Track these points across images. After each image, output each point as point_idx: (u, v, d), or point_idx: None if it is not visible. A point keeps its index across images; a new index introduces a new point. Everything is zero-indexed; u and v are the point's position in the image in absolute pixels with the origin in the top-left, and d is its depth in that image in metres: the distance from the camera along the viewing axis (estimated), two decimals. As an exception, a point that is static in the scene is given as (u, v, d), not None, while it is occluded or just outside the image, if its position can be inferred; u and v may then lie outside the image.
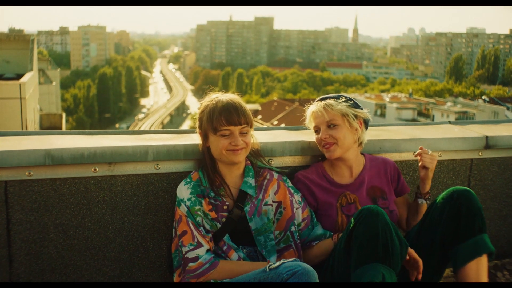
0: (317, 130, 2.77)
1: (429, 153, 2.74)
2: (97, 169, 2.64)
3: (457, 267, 2.46)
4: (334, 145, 2.70)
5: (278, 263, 2.15)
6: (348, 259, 2.32)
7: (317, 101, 2.82)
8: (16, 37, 20.20)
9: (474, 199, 2.50)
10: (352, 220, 2.33)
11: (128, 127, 76.50)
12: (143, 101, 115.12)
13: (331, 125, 2.71)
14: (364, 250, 2.23)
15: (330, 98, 2.78)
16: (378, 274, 2.17)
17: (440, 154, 3.29)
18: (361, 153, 2.88)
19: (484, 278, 2.46)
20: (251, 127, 2.52)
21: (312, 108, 2.80)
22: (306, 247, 2.67)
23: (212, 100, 2.52)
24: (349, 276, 2.29)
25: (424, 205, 2.79)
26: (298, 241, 2.62)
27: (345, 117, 2.71)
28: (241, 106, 2.49)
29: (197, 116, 2.61)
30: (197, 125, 2.60)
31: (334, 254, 2.46)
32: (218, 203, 2.52)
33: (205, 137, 2.54)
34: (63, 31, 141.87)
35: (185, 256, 2.40)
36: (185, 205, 2.45)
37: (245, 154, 2.53)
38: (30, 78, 16.41)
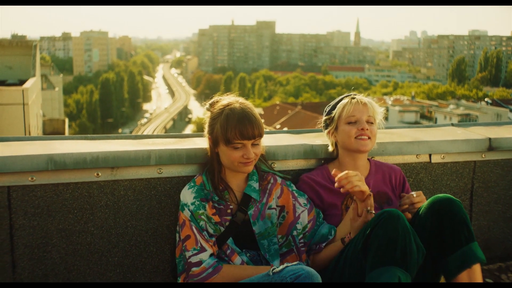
0: (352, 121, 2.71)
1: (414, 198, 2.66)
2: (100, 174, 2.64)
3: (448, 280, 2.43)
4: (369, 140, 2.71)
5: (281, 267, 2.15)
6: (364, 261, 2.30)
7: (352, 95, 2.79)
8: (19, 43, 20.28)
9: (457, 208, 2.43)
10: (371, 222, 2.31)
11: (131, 132, 76.57)
12: (145, 106, 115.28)
13: (369, 121, 2.72)
14: (382, 253, 2.21)
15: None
16: (395, 277, 2.16)
17: (443, 157, 3.29)
18: (367, 159, 2.88)
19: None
20: (262, 137, 2.51)
21: (352, 99, 2.76)
22: (316, 251, 2.65)
23: (225, 108, 2.47)
24: (361, 278, 2.28)
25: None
26: (300, 245, 2.61)
27: (377, 120, 2.78)
28: (255, 117, 2.46)
29: (206, 120, 2.58)
30: (206, 130, 2.56)
31: (347, 255, 2.43)
32: (221, 207, 2.51)
33: (215, 143, 2.52)
34: (66, 37, 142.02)
35: (189, 260, 2.40)
36: (189, 209, 2.45)
37: (254, 163, 2.53)
38: (32, 84, 16.48)
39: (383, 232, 2.24)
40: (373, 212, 2.44)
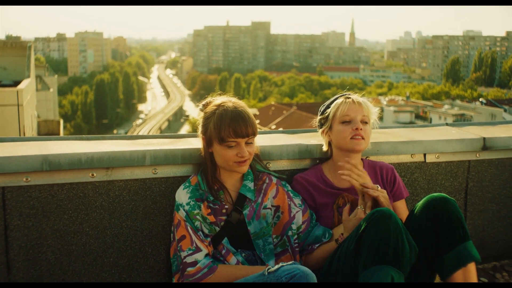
0: (346, 121, 2.71)
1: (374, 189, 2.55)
2: (95, 174, 2.63)
3: (443, 279, 2.44)
4: (363, 139, 2.70)
5: (276, 267, 2.15)
6: (357, 261, 2.30)
7: (347, 95, 2.80)
8: (13, 44, 20.19)
9: (452, 207, 2.43)
10: (363, 222, 2.32)
11: (126, 133, 76.46)
12: (140, 107, 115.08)
13: (364, 121, 2.72)
14: (374, 252, 2.21)
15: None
16: (388, 276, 2.16)
17: (438, 156, 3.30)
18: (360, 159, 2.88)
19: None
20: (255, 136, 2.52)
21: (346, 98, 2.76)
22: (308, 251, 2.66)
23: (218, 107, 2.48)
24: (354, 278, 2.28)
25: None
26: (295, 245, 2.62)
27: (371, 120, 2.78)
28: (248, 116, 2.47)
29: (200, 120, 2.58)
30: (200, 130, 2.57)
31: (340, 255, 2.44)
32: (217, 207, 2.51)
33: (208, 143, 2.52)
34: (60, 38, 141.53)
35: (184, 260, 2.40)
36: (184, 209, 2.45)
37: (249, 163, 2.53)
38: (27, 85, 16.41)
39: (375, 231, 2.24)
40: (367, 211, 2.47)
